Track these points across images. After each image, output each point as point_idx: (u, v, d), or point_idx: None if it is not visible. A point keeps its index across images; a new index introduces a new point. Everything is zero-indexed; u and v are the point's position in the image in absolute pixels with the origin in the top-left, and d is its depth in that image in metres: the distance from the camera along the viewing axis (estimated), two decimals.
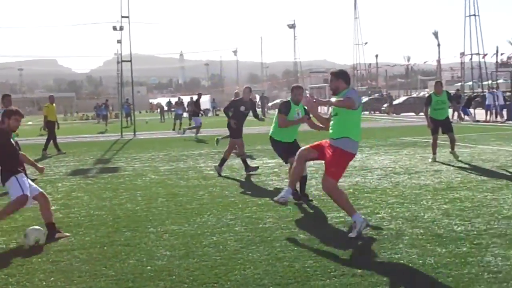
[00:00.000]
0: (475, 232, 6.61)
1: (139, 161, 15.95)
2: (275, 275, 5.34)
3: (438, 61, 78.62)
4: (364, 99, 60.31)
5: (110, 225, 7.61)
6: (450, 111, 15.61)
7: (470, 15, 54.23)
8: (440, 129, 13.63)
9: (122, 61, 34.12)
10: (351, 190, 9.75)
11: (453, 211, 7.80)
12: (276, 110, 10.55)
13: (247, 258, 5.94)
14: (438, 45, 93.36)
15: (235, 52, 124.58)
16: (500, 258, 5.60)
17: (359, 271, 5.34)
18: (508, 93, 42.53)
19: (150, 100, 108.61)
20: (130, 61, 31.55)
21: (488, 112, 32.08)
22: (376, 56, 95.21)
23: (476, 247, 5.99)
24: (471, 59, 55.05)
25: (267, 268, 5.57)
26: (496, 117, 31.59)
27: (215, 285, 5.07)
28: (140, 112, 75.07)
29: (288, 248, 6.23)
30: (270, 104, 67.69)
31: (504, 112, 31.96)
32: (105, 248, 6.45)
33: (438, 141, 13.73)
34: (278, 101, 75.11)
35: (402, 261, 5.62)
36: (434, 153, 13.56)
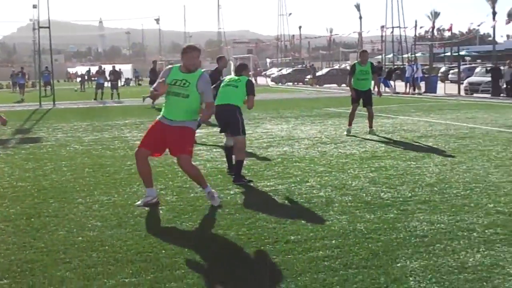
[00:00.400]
0: (401, 199, 6.86)
1: (61, 131, 15.47)
2: (209, 244, 5.35)
3: (360, 33, 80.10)
4: (288, 70, 61.00)
5: (35, 196, 7.36)
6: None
7: None
8: (361, 101, 13.39)
9: (39, 27, 32.71)
10: (279, 160, 9.86)
11: (380, 179, 8.05)
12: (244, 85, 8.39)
13: (181, 227, 5.93)
14: (360, 17, 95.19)
15: (157, 20, 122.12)
16: (425, 223, 5.84)
17: (292, 237, 5.44)
18: (426, 66, 44.03)
19: (69, 69, 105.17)
20: (49, 27, 30.34)
21: (408, 84, 33.11)
22: (300, 27, 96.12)
23: (402, 213, 6.22)
24: (392, 32, 56.45)
25: (201, 236, 5.57)
26: (414, 89, 32.66)
27: (150, 254, 5.02)
28: (58, 81, 72.57)
29: (221, 217, 6.25)
30: None
31: (422, 84, 33.10)
32: (32, 219, 6.24)
33: (358, 113, 13.73)
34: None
35: (333, 228, 5.76)
36: (350, 125, 13.33)
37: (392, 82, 34.17)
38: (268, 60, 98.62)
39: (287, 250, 5.08)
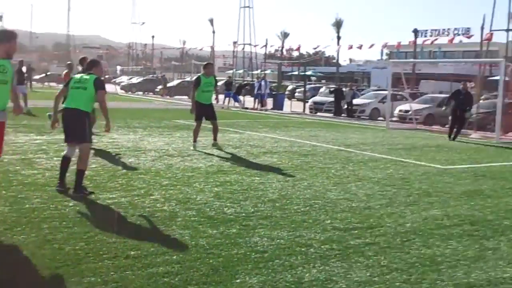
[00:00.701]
0: (244, 214, 6.95)
1: None
2: (43, 258, 5.03)
3: (212, 47, 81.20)
4: (138, 79, 60.17)
5: None
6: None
7: (244, 7, 56.98)
8: (203, 116, 13.24)
9: None
10: (124, 171, 9.60)
11: (224, 193, 8.11)
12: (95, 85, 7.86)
13: (12, 240, 5.52)
14: (213, 32, 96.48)
15: (1, 17, 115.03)
16: (266, 238, 5.96)
17: (133, 252, 5.29)
18: (275, 84, 45.63)
19: None
20: None
21: (256, 100, 34.04)
22: (153, 37, 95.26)
23: (244, 229, 6.31)
24: (243, 48, 57.96)
25: (34, 251, 5.22)
26: (262, 105, 33.65)
27: None
28: None
29: (57, 230, 5.92)
30: (37, 76, 63.80)
31: (270, 101, 34.22)
32: None
33: (206, 126, 13.75)
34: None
35: (175, 243, 5.69)
36: (195, 141, 13.19)
37: (241, 97, 34.93)
38: (118, 68, 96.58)
39: (126, 266, 4.92)
